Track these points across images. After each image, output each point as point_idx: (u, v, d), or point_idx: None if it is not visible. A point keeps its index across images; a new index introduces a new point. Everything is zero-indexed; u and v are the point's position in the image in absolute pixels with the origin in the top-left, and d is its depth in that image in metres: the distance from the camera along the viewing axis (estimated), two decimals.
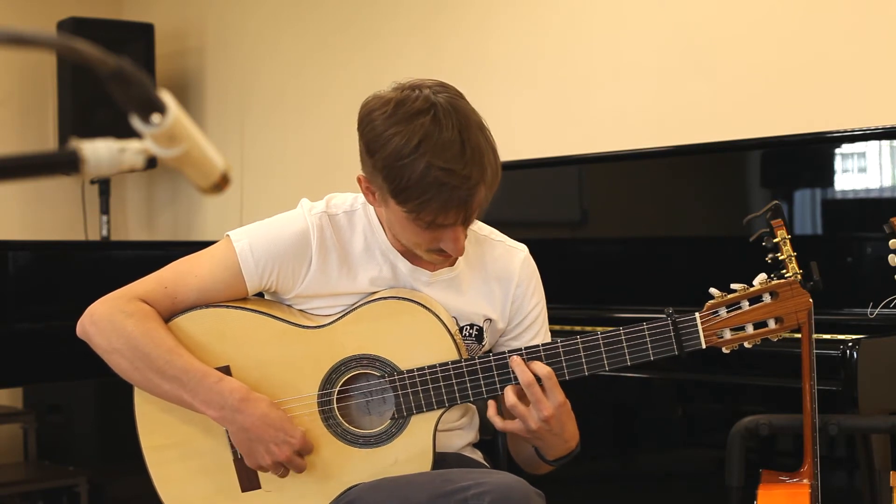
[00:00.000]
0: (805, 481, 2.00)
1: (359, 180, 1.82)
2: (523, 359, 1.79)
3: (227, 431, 1.86)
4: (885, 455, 2.36)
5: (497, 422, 1.79)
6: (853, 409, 2.31)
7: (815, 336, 2.01)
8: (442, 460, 1.87)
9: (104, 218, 4.86)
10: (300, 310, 1.91)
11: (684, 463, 3.05)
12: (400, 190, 1.71)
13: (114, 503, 4.28)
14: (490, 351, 1.92)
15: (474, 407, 2.04)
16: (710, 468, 2.81)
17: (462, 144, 1.70)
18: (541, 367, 1.78)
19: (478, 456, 2.02)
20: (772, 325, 1.79)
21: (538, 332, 1.99)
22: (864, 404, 2.32)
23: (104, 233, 4.86)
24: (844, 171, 2.78)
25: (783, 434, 2.57)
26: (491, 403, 1.80)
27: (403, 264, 1.90)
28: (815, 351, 2.01)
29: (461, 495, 1.67)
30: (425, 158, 1.68)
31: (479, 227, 1.99)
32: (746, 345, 1.80)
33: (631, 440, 3.19)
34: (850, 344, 2.33)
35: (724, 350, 1.79)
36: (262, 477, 1.87)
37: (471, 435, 2.01)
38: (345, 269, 1.88)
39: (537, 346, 1.80)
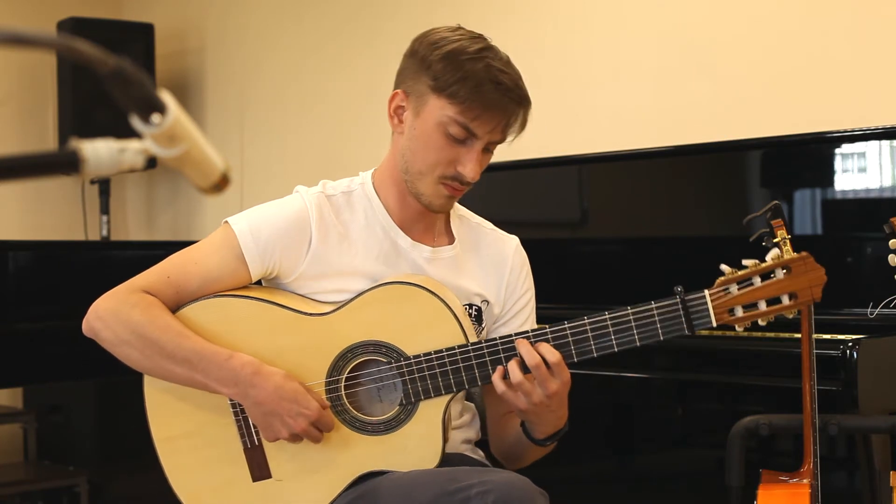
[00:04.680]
0: (805, 481, 2.00)
1: (392, 98, 1.89)
2: (530, 341, 1.77)
3: (236, 421, 1.87)
4: (885, 455, 2.36)
5: (500, 386, 1.77)
6: (853, 409, 2.31)
7: (815, 336, 2.01)
8: (445, 460, 1.87)
9: (104, 218, 4.86)
10: (303, 294, 1.90)
11: (684, 463, 3.05)
12: (454, 81, 1.79)
13: (114, 503, 4.28)
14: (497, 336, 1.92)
15: (474, 407, 2.04)
16: (710, 468, 2.81)
17: (514, 70, 1.85)
18: (550, 353, 1.75)
19: (479, 455, 2.02)
20: (785, 301, 1.73)
21: (526, 318, 2.00)
22: (864, 404, 2.32)
23: (104, 233, 4.86)
24: (844, 171, 2.78)
25: (783, 434, 2.57)
26: (499, 368, 1.78)
27: (404, 240, 1.91)
28: (815, 351, 2.01)
29: (465, 493, 1.67)
30: (486, 60, 1.81)
31: (470, 216, 2.02)
32: (760, 322, 1.74)
33: (631, 440, 3.18)
34: (850, 344, 2.33)
35: (738, 328, 1.74)
36: (273, 466, 1.87)
37: (471, 433, 2.01)
38: (345, 246, 1.89)
39: (544, 328, 1.78)
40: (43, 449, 4.37)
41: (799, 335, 2.01)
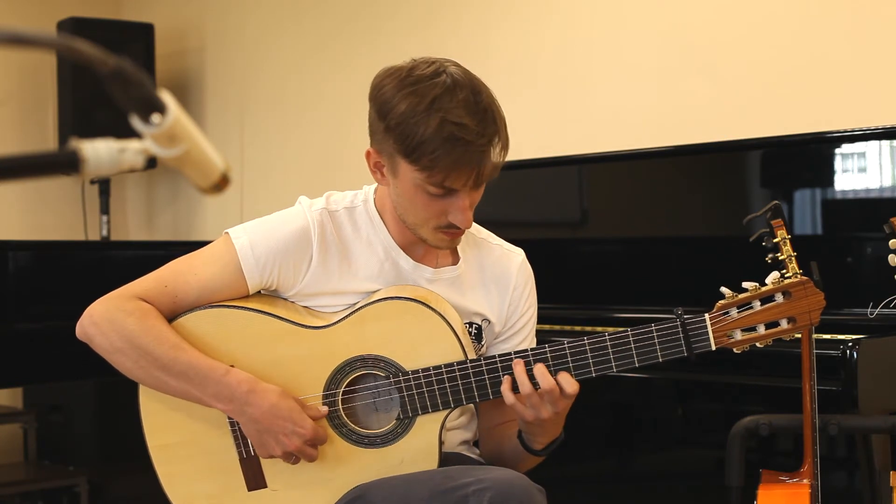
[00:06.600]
0: (805, 481, 2.00)
1: (367, 155, 1.84)
2: (529, 360, 1.77)
3: (232, 431, 1.86)
4: (885, 455, 2.36)
5: (510, 397, 1.77)
6: (853, 409, 2.31)
7: (815, 336, 2.01)
8: (443, 460, 1.87)
9: (104, 218, 4.86)
10: (304, 306, 1.90)
11: (684, 463, 3.05)
12: (413, 148, 1.72)
13: (114, 503, 4.28)
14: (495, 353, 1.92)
15: (473, 408, 2.04)
16: (710, 468, 2.81)
17: (475, 105, 1.74)
18: (569, 384, 1.75)
19: (476, 454, 2.02)
20: (784, 325, 1.75)
21: (526, 336, 1.99)
22: (864, 404, 2.32)
23: (104, 233, 4.85)
24: (844, 171, 2.79)
25: (783, 434, 2.57)
26: (506, 379, 1.78)
27: (405, 261, 1.90)
28: (815, 351, 2.01)
29: (462, 492, 1.67)
30: (439, 115, 1.71)
31: (476, 230, 1.99)
32: (759, 345, 1.76)
33: (631, 440, 3.19)
34: (850, 344, 2.33)
35: (736, 350, 1.76)
36: (269, 476, 1.87)
37: (468, 434, 2.01)
38: (346, 265, 1.88)
39: (544, 347, 1.79)
40: (43, 449, 4.37)
41: (799, 335, 2.01)
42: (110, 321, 1.81)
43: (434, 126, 1.70)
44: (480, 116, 1.73)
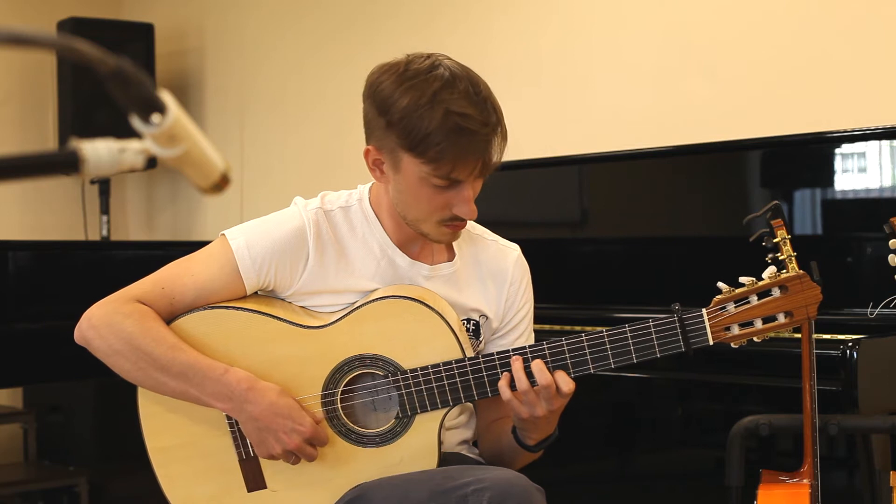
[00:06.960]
0: (805, 481, 2.00)
1: (366, 153, 1.84)
2: (527, 358, 1.77)
3: (231, 432, 1.87)
4: (885, 455, 2.36)
5: (507, 393, 1.77)
6: (853, 409, 2.31)
7: (815, 336, 2.01)
8: (442, 459, 1.87)
9: (104, 218, 4.86)
10: (301, 307, 1.90)
11: (684, 463, 3.05)
12: (418, 141, 1.73)
13: (114, 503, 4.28)
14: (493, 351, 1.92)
15: (472, 406, 2.04)
16: (710, 468, 2.81)
17: (476, 95, 1.75)
18: (565, 383, 1.75)
19: (475, 454, 2.02)
20: (781, 319, 1.75)
21: (523, 332, 1.99)
22: (864, 404, 2.32)
23: (104, 233, 4.86)
24: (844, 171, 2.79)
25: (783, 434, 2.57)
26: (505, 375, 1.78)
27: (402, 258, 1.90)
28: (815, 351, 2.01)
29: (462, 492, 1.67)
30: (443, 106, 1.72)
31: (472, 227, 2.00)
32: (756, 339, 1.76)
33: (630, 440, 3.19)
34: (850, 344, 2.33)
35: (733, 345, 1.76)
36: (268, 476, 1.87)
37: (468, 433, 2.01)
38: (342, 263, 1.88)
39: (542, 344, 1.79)
40: (43, 449, 4.37)
41: (799, 335, 2.01)
42: (108, 324, 1.81)
43: (438, 118, 1.71)
44: (482, 106, 1.75)
